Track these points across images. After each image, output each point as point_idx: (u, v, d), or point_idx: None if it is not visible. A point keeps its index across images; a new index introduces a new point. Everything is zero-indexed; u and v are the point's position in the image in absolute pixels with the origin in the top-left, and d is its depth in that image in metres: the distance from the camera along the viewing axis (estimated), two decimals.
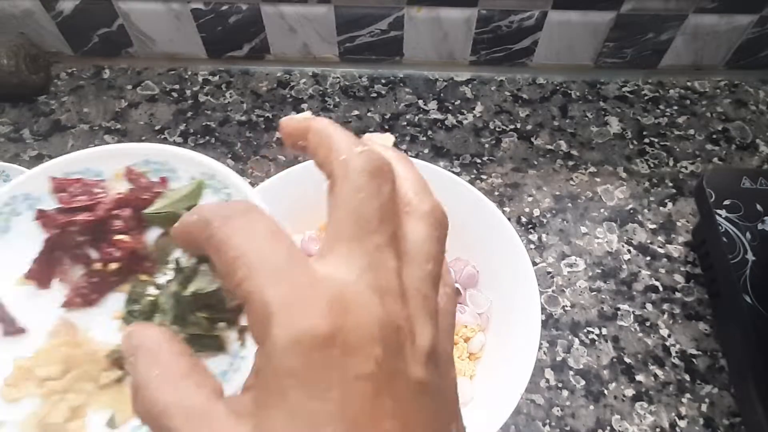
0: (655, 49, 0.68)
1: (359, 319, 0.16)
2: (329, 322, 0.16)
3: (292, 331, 0.16)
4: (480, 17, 0.64)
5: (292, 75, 0.70)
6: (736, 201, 0.50)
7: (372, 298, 0.17)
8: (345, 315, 0.16)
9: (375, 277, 0.17)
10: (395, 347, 0.17)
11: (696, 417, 0.47)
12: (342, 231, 0.18)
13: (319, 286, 0.16)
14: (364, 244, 0.17)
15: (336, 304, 0.16)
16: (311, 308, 0.16)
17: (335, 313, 0.16)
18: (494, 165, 0.62)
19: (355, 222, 0.18)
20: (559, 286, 0.54)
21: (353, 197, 0.18)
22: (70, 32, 0.68)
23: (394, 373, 0.16)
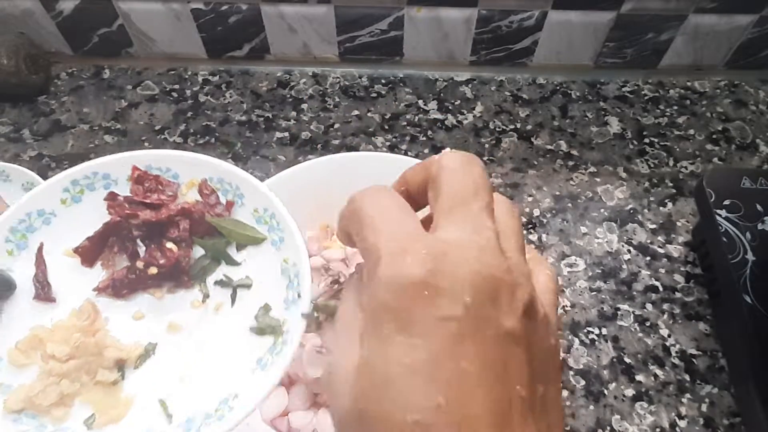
0: (655, 49, 0.68)
1: (453, 267, 0.18)
2: (425, 269, 0.18)
3: (393, 272, 0.18)
4: (480, 17, 0.64)
5: (292, 75, 0.70)
6: (736, 201, 0.50)
7: (470, 252, 0.19)
8: (441, 264, 0.18)
9: (474, 235, 0.19)
10: (489, 296, 0.18)
11: (696, 417, 0.47)
12: (446, 206, 0.21)
13: (425, 242, 0.19)
14: (464, 211, 0.20)
15: (435, 255, 0.18)
16: (413, 257, 0.18)
17: (432, 262, 0.18)
18: (494, 165, 0.62)
19: (456, 195, 0.21)
20: (559, 286, 0.54)
21: (451, 179, 0.21)
22: (70, 32, 0.68)
23: (483, 319, 0.18)
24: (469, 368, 0.17)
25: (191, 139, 0.64)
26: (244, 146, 0.63)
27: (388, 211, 0.21)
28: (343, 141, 0.64)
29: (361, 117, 0.66)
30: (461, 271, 0.18)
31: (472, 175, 0.21)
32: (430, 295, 0.18)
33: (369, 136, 0.64)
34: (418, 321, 0.18)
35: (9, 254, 0.32)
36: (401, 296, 0.18)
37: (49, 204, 0.33)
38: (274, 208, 0.33)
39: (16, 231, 0.33)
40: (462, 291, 0.18)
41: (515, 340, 0.18)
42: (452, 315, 0.18)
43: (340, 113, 0.66)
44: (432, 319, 0.18)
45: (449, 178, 0.21)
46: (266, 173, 0.61)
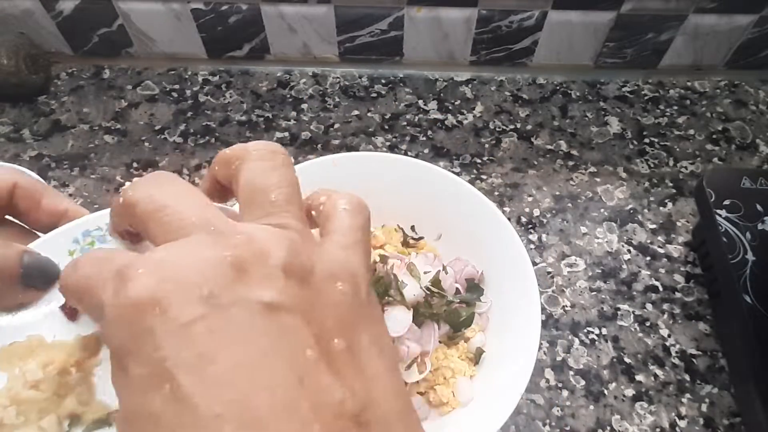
0: (655, 49, 0.68)
1: (177, 269, 0.17)
2: (148, 286, 0.16)
3: (115, 307, 0.17)
4: (480, 17, 0.64)
5: (292, 75, 0.70)
6: (736, 201, 0.50)
7: (191, 245, 0.17)
8: (163, 272, 0.17)
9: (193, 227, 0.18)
10: (230, 278, 0.17)
11: (696, 417, 0.47)
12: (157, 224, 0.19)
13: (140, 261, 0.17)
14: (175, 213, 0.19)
15: (154, 268, 0.17)
16: (133, 282, 0.16)
17: (153, 275, 0.16)
18: (494, 165, 0.62)
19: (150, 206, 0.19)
20: (559, 286, 0.54)
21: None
22: (70, 32, 0.68)
23: (231, 305, 0.16)
24: (236, 360, 0.16)
25: (191, 139, 0.64)
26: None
27: (99, 263, 0.18)
28: (343, 141, 0.64)
29: (361, 117, 0.66)
30: (189, 268, 0.17)
31: (163, 189, 0.20)
32: (162, 310, 0.16)
33: (369, 136, 0.64)
34: (159, 344, 0.16)
35: (70, 254, 0.31)
36: (132, 329, 0.16)
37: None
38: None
39: (88, 235, 0.32)
40: (197, 287, 0.16)
41: (281, 309, 0.17)
42: (193, 317, 0.16)
43: (340, 113, 0.66)
44: (172, 333, 0.16)
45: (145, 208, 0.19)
46: None
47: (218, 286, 0.16)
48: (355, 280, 0.19)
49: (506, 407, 0.39)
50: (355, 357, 0.18)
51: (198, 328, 0.16)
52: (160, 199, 0.19)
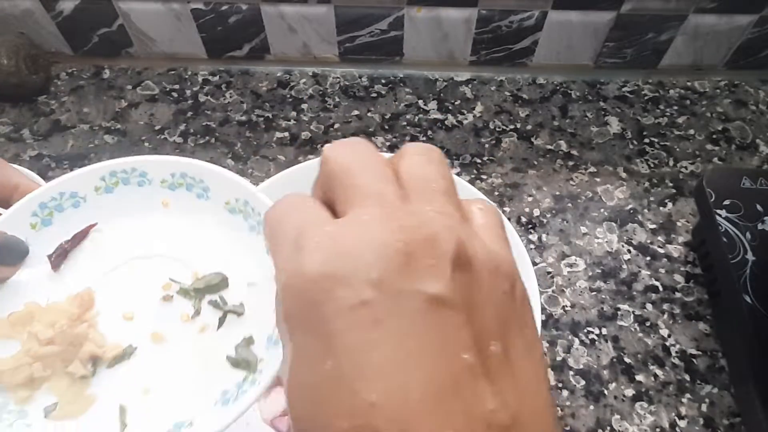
0: (655, 49, 0.68)
1: (351, 248, 0.17)
2: (319, 260, 0.16)
3: (288, 276, 0.17)
4: (480, 17, 0.64)
5: (292, 75, 0.70)
6: (736, 201, 0.50)
7: (367, 226, 0.17)
8: (336, 248, 0.17)
9: (369, 208, 0.18)
10: (400, 264, 0.16)
11: (696, 417, 0.47)
12: (340, 194, 0.19)
13: (316, 233, 0.17)
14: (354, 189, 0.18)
15: (329, 243, 0.17)
16: (306, 252, 0.17)
17: (326, 250, 0.17)
18: (494, 165, 0.62)
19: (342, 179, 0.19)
20: (559, 286, 0.54)
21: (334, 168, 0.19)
22: (70, 32, 0.68)
23: (399, 293, 0.16)
24: (397, 352, 0.15)
25: (191, 139, 0.64)
26: (244, 146, 0.63)
27: (287, 215, 0.19)
28: None
29: (361, 117, 0.66)
30: (360, 248, 0.16)
31: (354, 154, 0.19)
32: (332, 287, 0.16)
33: (369, 136, 0.64)
34: (326, 320, 0.16)
35: (32, 227, 0.33)
36: (303, 299, 0.16)
37: (83, 189, 0.34)
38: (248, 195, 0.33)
39: (45, 207, 0.34)
40: (367, 270, 0.16)
41: (446, 304, 0.16)
42: (360, 300, 0.16)
43: (340, 113, 0.66)
44: (340, 313, 0.16)
45: (332, 167, 0.19)
46: (266, 173, 0.61)
47: (387, 270, 0.16)
48: (513, 276, 0.18)
49: None
50: (509, 363, 0.17)
51: (365, 313, 0.16)
52: (351, 162, 0.19)
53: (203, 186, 0.35)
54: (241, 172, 0.61)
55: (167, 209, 0.35)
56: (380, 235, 0.17)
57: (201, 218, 0.35)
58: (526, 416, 0.17)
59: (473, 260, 0.17)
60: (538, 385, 0.18)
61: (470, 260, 0.17)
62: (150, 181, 0.35)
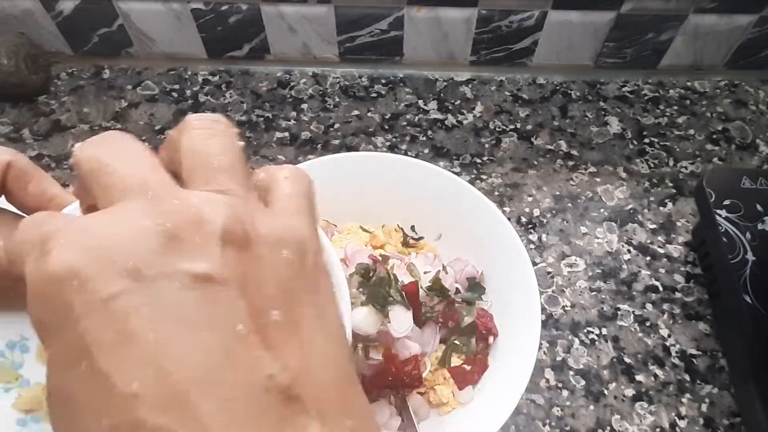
0: (655, 49, 0.68)
1: (102, 241, 0.16)
2: (66, 259, 0.15)
3: (33, 281, 0.16)
4: (480, 17, 0.64)
5: (292, 75, 0.70)
6: (736, 201, 0.50)
7: (120, 215, 0.16)
8: (87, 242, 0.16)
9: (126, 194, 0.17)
10: (159, 249, 0.16)
11: (696, 417, 0.47)
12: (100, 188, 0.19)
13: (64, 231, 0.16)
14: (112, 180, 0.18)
15: (78, 238, 0.16)
16: (53, 253, 0.16)
17: (75, 246, 0.16)
18: (494, 165, 0.62)
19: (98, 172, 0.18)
20: (559, 286, 0.54)
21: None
22: (70, 32, 0.68)
23: (158, 278, 0.15)
24: (156, 339, 0.15)
25: None
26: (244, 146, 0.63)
27: (33, 228, 0.17)
28: (343, 141, 0.64)
29: (361, 117, 0.66)
30: (114, 238, 0.16)
31: (107, 149, 0.19)
32: (81, 284, 0.15)
33: (369, 136, 0.64)
34: (77, 319, 0.15)
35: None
36: (50, 303, 0.15)
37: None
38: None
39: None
40: (121, 259, 0.15)
41: (214, 280, 0.16)
42: (111, 293, 0.15)
43: (340, 113, 0.66)
44: (91, 309, 0.15)
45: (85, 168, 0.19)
46: None
47: (145, 258, 0.16)
48: (301, 248, 0.18)
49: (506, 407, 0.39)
50: (293, 329, 0.17)
51: (119, 304, 0.15)
52: (104, 158, 0.18)
53: None
54: None
55: None
56: (138, 222, 0.16)
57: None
58: (310, 374, 0.17)
59: (249, 234, 0.17)
60: (326, 343, 0.18)
61: (246, 235, 0.17)
62: None
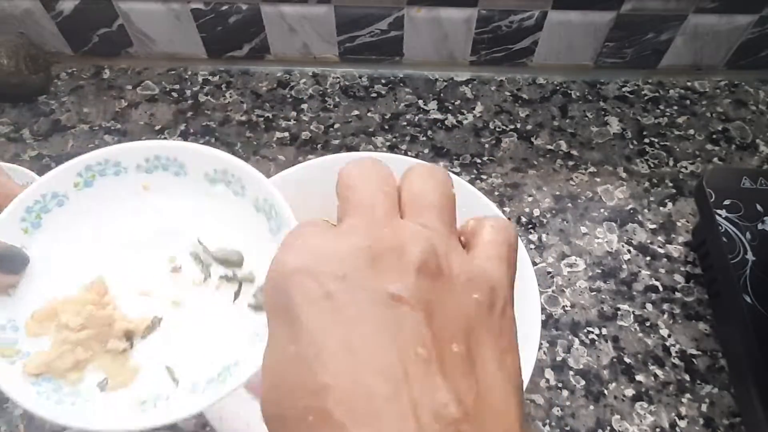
0: (655, 49, 0.68)
1: (331, 249, 0.19)
2: (302, 258, 0.19)
3: (274, 268, 0.19)
4: (480, 17, 0.64)
5: (292, 75, 0.70)
6: (736, 201, 0.50)
7: (348, 232, 0.20)
8: (320, 249, 0.19)
9: (354, 218, 0.20)
10: (367, 264, 0.18)
11: (696, 417, 0.47)
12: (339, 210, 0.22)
13: (306, 237, 0.20)
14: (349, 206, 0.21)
15: (315, 244, 0.19)
16: (295, 250, 0.19)
17: (311, 250, 0.19)
18: (494, 165, 0.62)
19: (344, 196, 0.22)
20: (559, 286, 0.54)
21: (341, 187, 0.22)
22: (70, 32, 0.68)
23: (361, 288, 0.18)
24: (353, 340, 0.17)
25: (191, 139, 0.64)
26: (244, 146, 0.63)
27: (303, 226, 0.21)
28: (343, 141, 0.64)
29: (361, 117, 0.66)
30: (334, 250, 0.19)
31: (359, 170, 0.22)
32: (305, 279, 0.18)
33: (369, 136, 0.64)
34: (295, 308, 0.18)
35: (24, 232, 0.34)
36: (278, 290, 0.19)
37: (62, 187, 0.35)
38: (272, 198, 0.36)
39: (32, 211, 0.35)
40: (338, 267, 0.18)
41: (404, 301, 0.18)
42: (326, 291, 0.18)
43: (340, 113, 0.66)
44: (306, 302, 0.18)
45: (339, 182, 0.22)
46: (266, 173, 0.60)
47: (354, 268, 0.18)
48: (492, 292, 0.20)
49: None
50: (472, 367, 0.18)
51: (328, 303, 0.18)
52: (351, 177, 0.22)
53: (178, 164, 0.36)
54: None
55: (149, 191, 0.37)
56: (355, 242, 0.19)
57: (185, 193, 0.37)
58: (481, 415, 0.17)
59: (444, 269, 0.19)
60: (501, 387, 0.18)
61: (440, 269, 0.19)
62: (126, 169, 0.36)
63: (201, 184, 0.37)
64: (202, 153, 0.36)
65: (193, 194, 0.37)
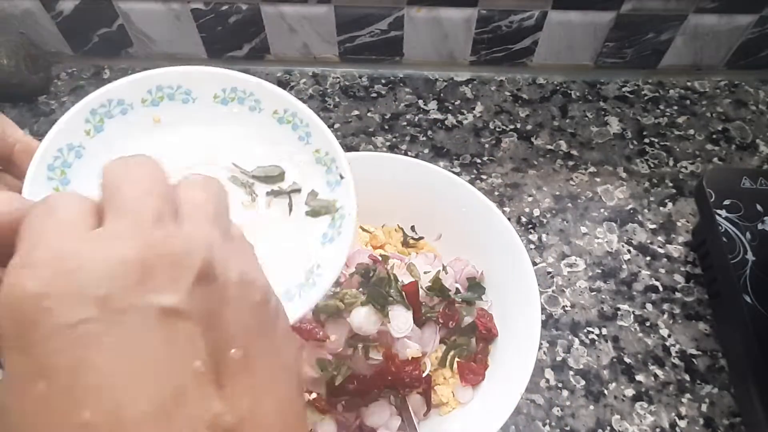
0: (655, 49, 0.68)
1: (82, 264, 0.16)
2: (41, 278, 0.16)
3: (5, 294, 0.16)
4: (480, 17, 0.64)
5: (292, 75, 0.70)
6: (736, 201, 0.50)
7: (104, 242, 0.17)
8: (66, 265, 0.16)
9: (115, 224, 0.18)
10: (135, 280, 0.16)
11: (696, 417, 0.47)
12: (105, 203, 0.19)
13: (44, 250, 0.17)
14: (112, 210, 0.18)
15: (57, 259, 0.16)
16: (29, 269, 0.16)
17: (52, 267, 0.16)
18: (494, 165, 0.62)
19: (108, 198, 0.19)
20: (559, 286, 0.54)
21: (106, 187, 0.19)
22: (70, 32, 0.68)
23: (128, 308, 0.16)
24: (115, 370, 0.16)
25: None
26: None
27: (46, 215, 0.18)
28: (343, 141, 0.64)
29: (361, 117, 0.66)
30: (93, 264, 0.16)
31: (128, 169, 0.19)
32: (52, 305, 0.16)
33: (369, 136, 0.64)
34: (42, 339, 0.15)
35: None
36: (19, 318, 0.16)
37: (76, 137, 0.34)
38: (294, 106, 0.35)
39: (54, 168, 0.34)
40: (94, 286, 0.16)
41: (181, 315, 0.16)
42: (80, 319, 0.15)
43: (340, 113, 0.66)
44: (57, 332, 0.15)
45: (104, 180, 0.19)
46: None
47: (118, 287, 0.16)
48: (266, 292, 0.20)
49: (506, 407, 0.39)
50: (249, 367, 0.18)
51: (84, 331, 0.15)
52: (119, 175, 0.19)
53: (183, 90, 0.35)
54: None
55: (163, 125, 0.36)
56: (120, 251, 0.17)
57: (200, 120, 0.35)
58: (255, 418, 0.17)
59: (220, 275, 0.18)
60: (278, 388, 0.19)
61: (216, 275, 0.18)
62: (131, 106, 0.35)
63: (214, 108, 0.35)
64: (207, 75, 0.35)
65: (209, 119, 0.35)
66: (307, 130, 0.35)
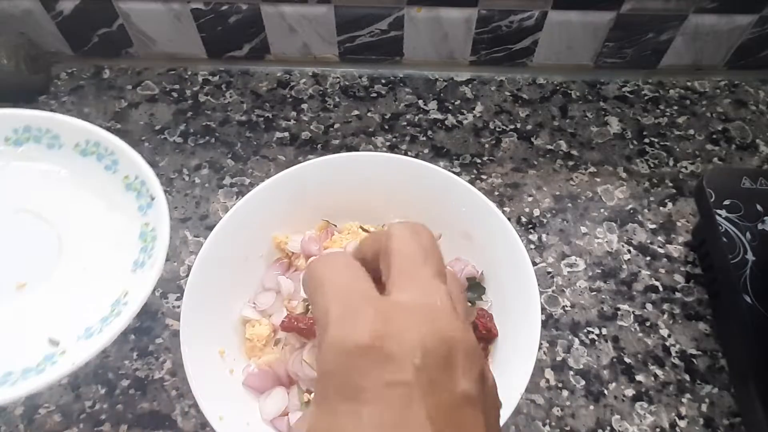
0: (655, 49, 0.68)
1: (403, 330, 0.18)
2: (372, 332, 0.18)
3: (339, 336, 0.18)
4: (480, 17, 0.64)
5: (292, 75, 0.70)
6: (736, 201, 0.50)
7: (422, 314, 0.19)
8: (390, 326, 0.18)
9: (427, 297, 0.19)
10: (443, 358, 0.18)
11: (696, 417, 0.47)
12: (396, 273, 0.20)
13: (374, 305, 0.19)
14: (415, 275, 0.20)
15: (384, 318, 0.18)
16: (361, 320, 0.18)
17: (381, 324, 0.18)
18: (494, 165, 0.62)
19: (405, 262, 0.21)
20: (559, 286, 0.54)
21: (400, 247, 0.21)
22: (70, 32, 0.68)
23: (436, 382, 0.17)
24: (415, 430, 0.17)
25: (191, 139, 0.64)
26: (244, 146, 0.63)
27: (339, 274, 0.20)
28: (343, 141, 0.64)
29: (361, 117, 0.66)
30: (412, 333, 0.18)
31: (421, 242, 0.21)
32: (378, 360, 0.17)
33: (369, 136, 0.64)
34: (365, 387, 0.17)
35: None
36: (347, 362, 0.17)
37: None
38: (96, 135, 0.35)
39: None
40: (412, 353, 0.17)
41: (472, 403, 0.18)
42: (401, 380, 0.17)
43: (340, 113, 0.66)
44: (379, 385, 0.17)
45: (398, 246, 0.21)
46: (266, 173, 0.61)
47: (430, 360, 0.17)
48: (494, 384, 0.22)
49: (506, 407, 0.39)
50: None
51: (399, 391, 0.17)
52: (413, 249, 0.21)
53: (52, 135, 0.36)
54: (241, 172, 0.61)
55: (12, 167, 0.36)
56: (429, 326, 0.18)
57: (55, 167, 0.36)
58: None
59: (488, 379, 0.20)
60: None
61: (487, 377, 0.20)
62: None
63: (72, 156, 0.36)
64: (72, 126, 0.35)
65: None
66: (113, 158, 0.34)
